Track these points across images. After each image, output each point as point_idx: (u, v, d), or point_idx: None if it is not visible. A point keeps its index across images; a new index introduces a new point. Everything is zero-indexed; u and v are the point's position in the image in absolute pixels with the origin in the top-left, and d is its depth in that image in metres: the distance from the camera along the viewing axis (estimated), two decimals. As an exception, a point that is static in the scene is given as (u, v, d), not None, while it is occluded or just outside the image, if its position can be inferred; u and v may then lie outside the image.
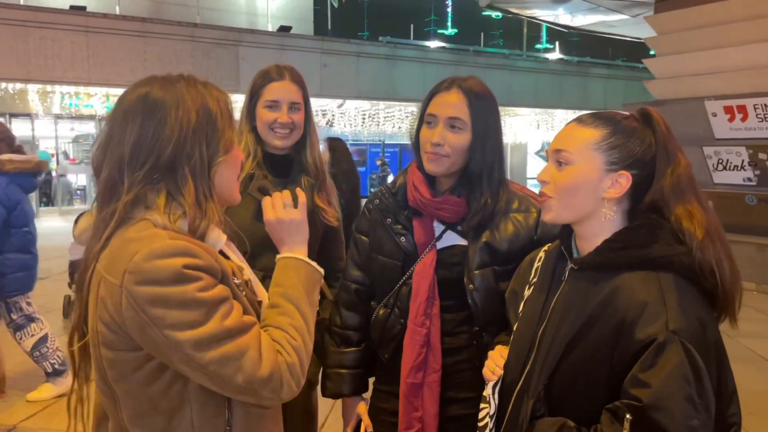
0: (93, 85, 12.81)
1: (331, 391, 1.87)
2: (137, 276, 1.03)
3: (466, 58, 18.15)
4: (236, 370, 1.05)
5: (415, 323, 1.69)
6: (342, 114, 17.74)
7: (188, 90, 1.16)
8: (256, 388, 1.07)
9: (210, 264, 1.09)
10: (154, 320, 1.03)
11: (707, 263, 1.15)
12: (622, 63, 21.97)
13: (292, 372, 1.11)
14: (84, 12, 12.61)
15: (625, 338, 1.12)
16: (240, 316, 1.09)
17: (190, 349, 1.03)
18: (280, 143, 1.99)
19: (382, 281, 1.78)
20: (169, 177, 1.12)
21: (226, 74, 13.18)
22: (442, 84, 1.68)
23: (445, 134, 1.63)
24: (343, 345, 1.86)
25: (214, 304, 1.06)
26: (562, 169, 1.25)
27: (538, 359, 1.27)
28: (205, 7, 16.10)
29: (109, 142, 1.14)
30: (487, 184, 1.67)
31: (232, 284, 1.13)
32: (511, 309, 1.48)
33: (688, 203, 1.19)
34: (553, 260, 1.38)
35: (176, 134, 1.12)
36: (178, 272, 1.04)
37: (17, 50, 11.74)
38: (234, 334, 1.06)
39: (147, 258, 1.04)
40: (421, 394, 1.70)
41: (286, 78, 1.99)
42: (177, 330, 1.03)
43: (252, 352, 1.07)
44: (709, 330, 1.12)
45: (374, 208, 1.83)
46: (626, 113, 1.28)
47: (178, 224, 1.12)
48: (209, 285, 1.07)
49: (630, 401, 1.08)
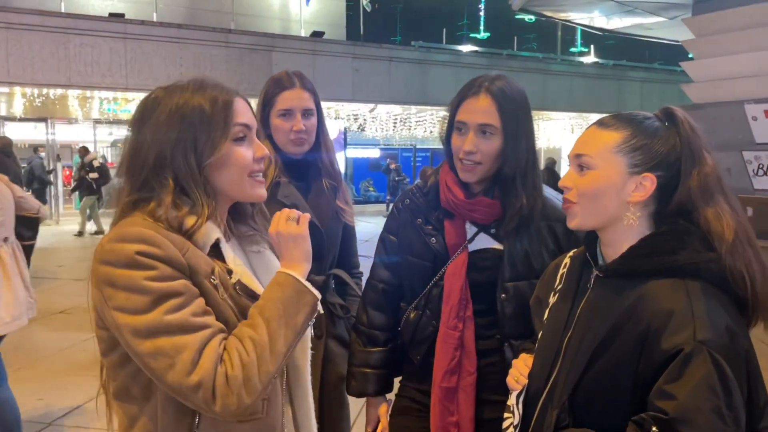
0: (130, 91, 13.08)
1: (355, 389, 1.88)
2: (99, 255, 1.10)
3: (499, 61, 18.03)
4: (168, 367, 1.04)
5: (447, 326, 1.67)
6: (374, 118, 17.78)
7: (180, 95, 1.19)
8: (185, 392, 1.05)
9: (171, 256, 1.08)
10: (106, 299, 1.08)
11: (738, 269, 1.11)
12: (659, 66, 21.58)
13: (231, 385, 1.05)
14: (122, 19, 12.90)
15: (650, 348, 1.09)
16: (190, 315, 1.07)
17: (128, 334, 1.06)
18: (296, 150, 2.02)
19: (412, 282, 1.77)
20: (156, 183, 1.16)
21: (259, 79, 13.28)
22: (471, 88, 1.64)
23: (477, 141, 1.61)
24: (370, 344, 1.85)
25: (161, 295, 1.06)
26: (583, 174, 1.22)
27: (563, 369, 1.24)
28: (240, 13, 16.30)
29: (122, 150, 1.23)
30: (522, 186, 1.64)
31: (203, 281, 1.12)
32: (536, 316, 1.45)
33: (717, 205, 1.15)
34: (579, 267, 1.34)
35: (158, 142, 1.16)
36: (130, 257, 1.07)
37: (58, 57, 12.06)
38: (173, 331, 1.05)
39: (110, 240, 1.10)
40: (456, 398, 1.68)
41: (297, 86, 2.01)
42: (120, 312, 1.06)
43: (187, 354, 1.04)
44: (738, 339, 1.08)
45: (404, 207, 1.81)
46: (648, 113, 1.24)
47: (163, 220, 1.14)
48: (163, 276, 1.07)
49: (656, 413, 1.05)
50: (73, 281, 7.48)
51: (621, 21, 14.63)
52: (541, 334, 1.38)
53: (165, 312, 1.05)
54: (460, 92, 1.67)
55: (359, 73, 15.37)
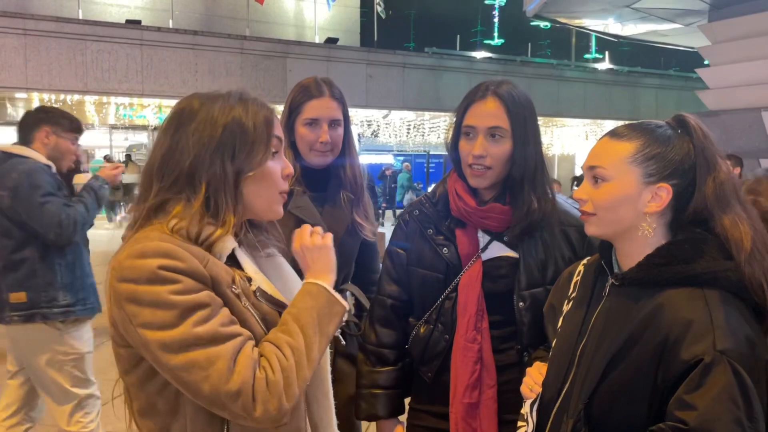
0: (146, 97, 13.20)
1: (365, 412, 1.78)
2: (118, 273, 1.08)
3: (513, 68, 17.99)
4: (203, 379, 1.03)
5: (466, 339, 1.62)
6: (387, 125, 17.81)
7: (222, 105, 1.19)
8: (223, 401, 1.04)
9: (193, 268, 1.08)
10: (130, 317, 1.06)
11: (756, 278, 1.10)
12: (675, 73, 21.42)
13: (272, 390, 1.05)
14: (139, 26, 13.03)
15: (669, 358, 1.07)
16: (218, 325, 1.07)
17: (157, 349, 1.04)
18: (319, 161, 1.96)
19: (423, 295, 1.71)
20: (188, 187, 1.16)
21: (274, 85, 13.40)
22: (477, 93, 1.62)
23: (487, 145, 1.57)
24: (379, 364, 1.77)
25: (188, 308, 1.05)
26: (598, 186, 1.21)
27: (578, 377, 1.23)
28: (254, 20, 16.42)
29: (150, 152, 1.21)
30: (531, 190, 1.60)
31: (226, 291, 1.12)
32: (550, 324, 1.44)
33: (734, 212, 1.14)
34: (593, 275, 1.33)
35: (197, 146, 1.15)
36: (153, 272, 1.05)
37: (75, 63, 12.20)
38: (204, 343, 1.04)
39: (129, 257, 1.08)
40: (478, 413, 1.62)
41: (326, 95, 1.94)
42: (147, 329, 1.05)
43: (221, 363, 1.04)
44: (758, 349, 1.07)
45: (412, 219, 1.75)
46: (660, 122, 1.24)
47: (182, 232, 1.13)
48: (187, 289, 1.06)
49: (675, 423, 1.03)
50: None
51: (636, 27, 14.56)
52: (555, 342, 1.36)
53: (193, 324, 1.04)
54: (466, 97, 1.64)
55: (373, 80, 15.39)
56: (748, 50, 8.85)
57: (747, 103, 8.53)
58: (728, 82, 9.15)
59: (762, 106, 8.26)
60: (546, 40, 25.43)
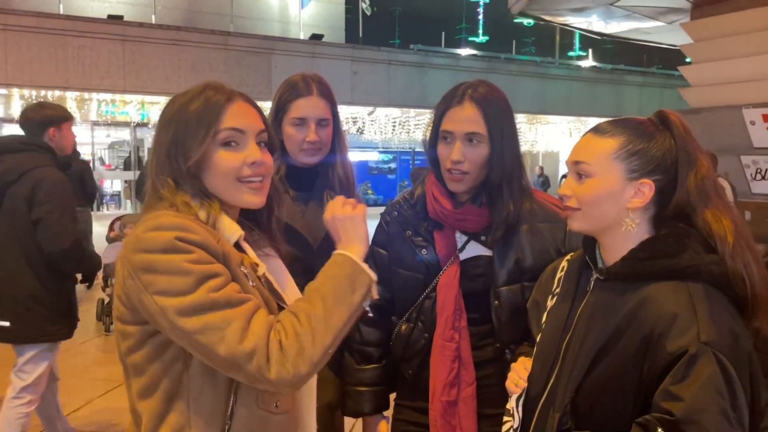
0: (128, 93, 13.09)
1: (351, 409, 1.82)
2: (135, 245, 1.11)
3: (498, 65, 18.06)
4: (219, 340, 1.05)
5: (443, 338, 1.64)
6: (372, 121, 17.80)
7: (180, 99, 1.23)
8: (238, 361, 1.05)
9: (207, 242, 1.12)
10: (145, 286, 1.08)
11: (738, 271, 1.12)
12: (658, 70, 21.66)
13: (285, 353, 1.06)
14: (121, 21, 12.92)
15: (654, 350, 1.09)
16: (232, 291, 1.09)
17: (173, 315, 1.06)
18: (307, 160, 1.93)
19: (404, 295, 1.74)
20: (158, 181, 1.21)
21: (258, 82, 13.34)
22: (454, 97, 1.62)
23: (464, 150, 1.59)
24: (363, 362, 1.80)
25: (203, 276, 1.07)
26: (582, 182, 1.23)
27: (563, 371, 1.24)
28: (238, 16, 16.33)
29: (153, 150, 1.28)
30: (509, 192, 1.62)
31: (236, 269, 1.15)
32: (534, 320, 1.45)
33: (716, 207, 1.16)
34: (577, 270, 1.34)
35: (157, 143, 1.22)
36: (170, 242, 1.09)
37: (56, 58, 12.06)
38: (219, 306, 1.06)
39: (146, 230, 1.12)
40: (457, 411, 1.64)
41: (314, 93, 1.90)
42: (164, 296, 1.07)
43: (236, 323, 1.06)
44: (741, 341, 1.08)
45: (392, 220, 1.77)
46: (643, 118, 1.25)
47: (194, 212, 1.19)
48: (202, 259, 1.09)
49: (662, 415, 1.05)
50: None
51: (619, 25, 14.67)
52: (540, 337, 1.37)
53: (209, 290, 1.07)
54: (443, 101, 1.64)
55: (358, 76, 15.39)
56: (729, 48, 8.95)
57: (728, 101, 8.63)
58: (710, 79, 9.25)
59: (742, 103, 8.36)
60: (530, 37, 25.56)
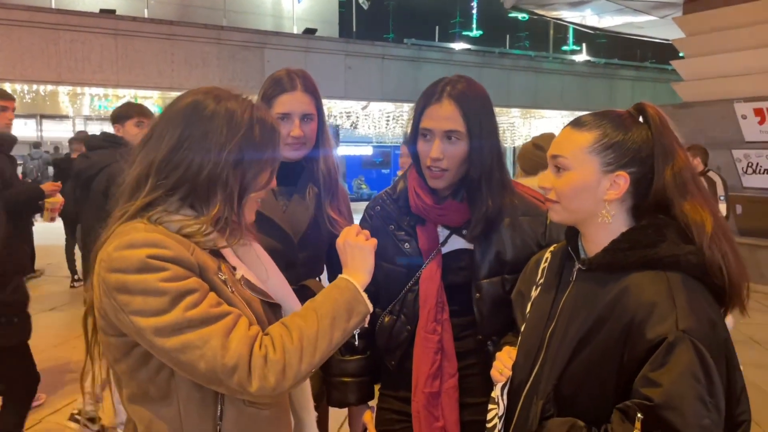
0: (121, 87, 13.04)
1: (336, 400, 1.85)
2: (107, 264, 1.09)
3: (492, 60, 18.06)
4: (198, 357, 1.05)
5: (426, 330, 1.66)
6: (366, 116, 17.79)
7: (242, 110, 1.18)
8: (220, 377, 1.06)
9: (180, 256, 1.10)
10: (121, 306, 1.08)
11: (715, 261, 1.14)
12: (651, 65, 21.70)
13: (269, 366, 1.08)
14: (113, 15, 12.85)
15: (634, 338, 1.11)
16: (209, 307, 1.09)
17: (151, 335, 1.06)
18: (292, 155, 1.93)
19: (387, 288, 1.75)
20: (197, 191, 1.16)
21: (251, 76, 13.31)
22: (433, 94, 1.62)
23: (443, 147, 1.60)
24: (347, 353, 1.82)
25: (179, 294, 1.07)
26: (560, 175, 1.25)
27: (547, 360, 1.26)
28: (232, 10, 16.27)
29: (148, 141, 1.19)
30: (488, 188, 1.63)
31: (213, 278, 1.14)
32: (518, 310, 1.47)
33: (693, 198, 1.18)
34: (560, 261, 1.37)
35: (214, 152, 1.14)
36: (142, 261, 1.07)
37: (48, 53, 12.00)
38: (196, 324, 1.06)
39: (117, 248, 1.09)
40: (439, 402, 1.66)
41: (298, 88, 1.91)
42: (140, 316, 1.06)
43: (215, 341, 1.06)
44: (718, 329, 1.11)
45: (375, 214, 1.79)
46: (622, 111, 1.27)
47: (172, 226, 1.15)
48: (176, 276, 1.08)
49: (641, 401, 1.07)
50: (64, 278, 7.45)
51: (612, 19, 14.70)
52: (524, 327, 1.39)
53: (185, 309, 1.06)
54: (422, 98, 1.65)
55: (352, 71, 15.37)
56: (721, 43, 8.99)
57: (720, 95, 8.67)
58: (702, 74, 9.29)
59: (734, 97, 8.40)
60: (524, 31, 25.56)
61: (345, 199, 2.09)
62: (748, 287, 1.19)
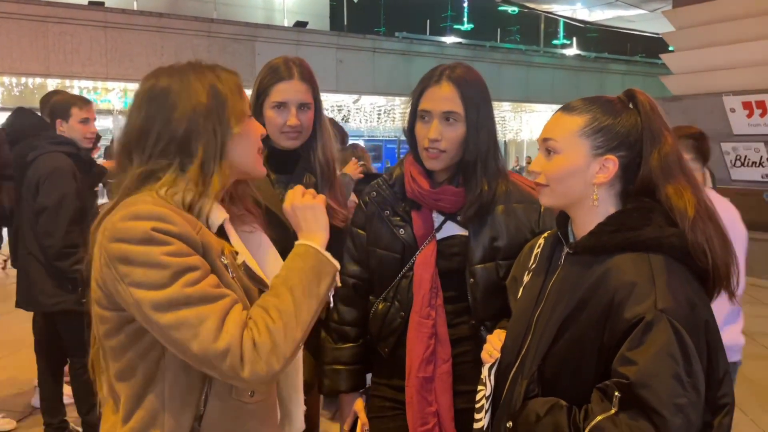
0: (110, 80, 12.94)
1: (328, 388, 1.85)
2: (111, 233, 1.10)
3: (483, 53, 18.06)
4: (192, 336, 1.05)
5: (420, 315, 1.68)
6: (358, 110, 17.76)
7: (196, 74, 1.21)
8: (211, 359, 1.05)
9: (185, 233, 1.10)
10: (122, 276, 1.08)
11: (699, 243, 1.16)
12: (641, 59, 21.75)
13: (259, 351, 1.07)
14: (102, 7, 12.74)
15: (614, 318, 1.13)
16: (208, 286, 1.09)
17: (148, 308, 1.06)
18: (289, 144, 1.93)
19: (381, 274, 1.77)
20: (182, 155, 1.17)
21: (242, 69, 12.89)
22: (432, 77, 1.66)
23: (441, 129, 1.62)
24: (340, 341, 1.83)
25: (180, 269, 1.07)
26: (550, 158, 1.27)
27: (533, 341, 1.28)
28: (222, 3, 16.18)
29: (122, 131, 1.23)
30: (483, 172, 1.66)
31: (215, 260, 1.14)
32: (512, 295, 1.49)
33: (678, 182, 1.20)
34: (551, 246, 1.39)
35: (188, 116, 1.17)
36: (146, 233, 1.07)
37: (37, 45, 11.89)
38: (194, 302, 1.06)
39: (123, 218, 1.10)
40: (433, 387, 1.68)
41: (295, 77, 1.90)
42: (139, 288, 1.06)
43: (210, 322, 1.05)
44: (698, 310, 1.12)
45: (371, 200, 1.81)
46: (612, 96, 1.29)
47: (177, 197, 1.15)
48: (179, 251, 1.08)
49: (618, 379, 1.09)
50: None
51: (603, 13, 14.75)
52: (515, 310, 1.42)
53: (184, 285, 1.06)
54: (421, 81, 1.68)
55: (343, 64, 15.32)
56: (710, 36, 9.04)
57: (708, 88, 8.73)
58: (691, 67, 9.34)
59: (722, 90, 8.45)
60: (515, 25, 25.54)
61: (343, 190, 2.09)
62: (737, 271, 1.20)
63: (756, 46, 8.35)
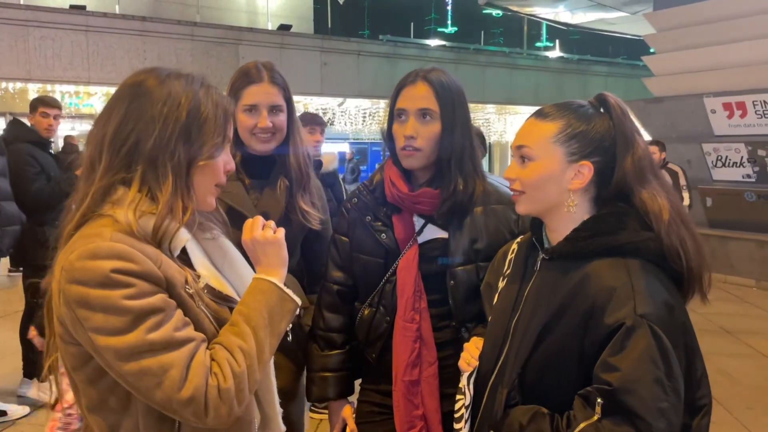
0: (93, 84, 12.82)
1: (316, 395, 1.84)
2: (68, 274, 1.04)
3: (467, 56, 18.12)
4: (155, 386, 1.02)
5: (404, 319, 1.68)
6: (343, 113, 17.73)
7: (187, 87, 1.16)
8: (175, 408, 1.03)
9: (147, 270, 1.05)
10: (81, 320, 1.03)
11: (674, 247, 1.17)
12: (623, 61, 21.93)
13: (223, 397, 1.05)
14: (84, 11, 12.63)
15: (594, 324, 1.13)
16: (173, 330, 1.04)
17: (110, 356, 1.02)
18: (261, 147, 1.92)
19: (365, 280, 1.77)
20: (148, 168, 1.11)
21: (226, 73, 13.13)
22: (408, 78, 1.69)
23: (417, 126, 1.64)
24: (327, 348, 1.83)
25: (141, 313, 1.02)
26: (525, 165, 1.27)
27: (512, 349, 1.27)
28: (205, 6, 16.10)
29: (98, 122, 1.16)
30: (458, 170, 1.66)
31: (180, 293, 1.10)
32: (487, 301, 1.49)
33: (651, 187, 1.20)
34: (525, 251, 1.38)
35: (160, 126, 1.11)
36: (106, 276, 1.02)
37: (17, 50, 11.76)
38: (158, 349, 1.02)
39: (80, 257, 1.03)
40: (419, 390, 1.68)
41: (265, 80, 1.91)
42: (99, 334, 1.02)
43: (174, 371, 1.02)
44: (675, 313, 1.13)
45: (352, 207, 1.81)
46: (584, 101, 1.29)
47: (142, 221, 1.09)
48: (141, 293, 1.03)
49: (601, 386, 1.09)
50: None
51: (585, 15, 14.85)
52: (491, 317, 1.41)
53: (147, 330, 1.01)
54: (398, 83, 1.71)
55: (327, 67, 15.30)
56: (691, 38, 9.14)
57: (689, 90, 8.82)
58: (672, 69, 9.42)
59: (704, 92, 8.54)
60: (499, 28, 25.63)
61: (318, 193, 2.08)
62: (709, 275, 1.21)
63: (736, 48, 8.45)
